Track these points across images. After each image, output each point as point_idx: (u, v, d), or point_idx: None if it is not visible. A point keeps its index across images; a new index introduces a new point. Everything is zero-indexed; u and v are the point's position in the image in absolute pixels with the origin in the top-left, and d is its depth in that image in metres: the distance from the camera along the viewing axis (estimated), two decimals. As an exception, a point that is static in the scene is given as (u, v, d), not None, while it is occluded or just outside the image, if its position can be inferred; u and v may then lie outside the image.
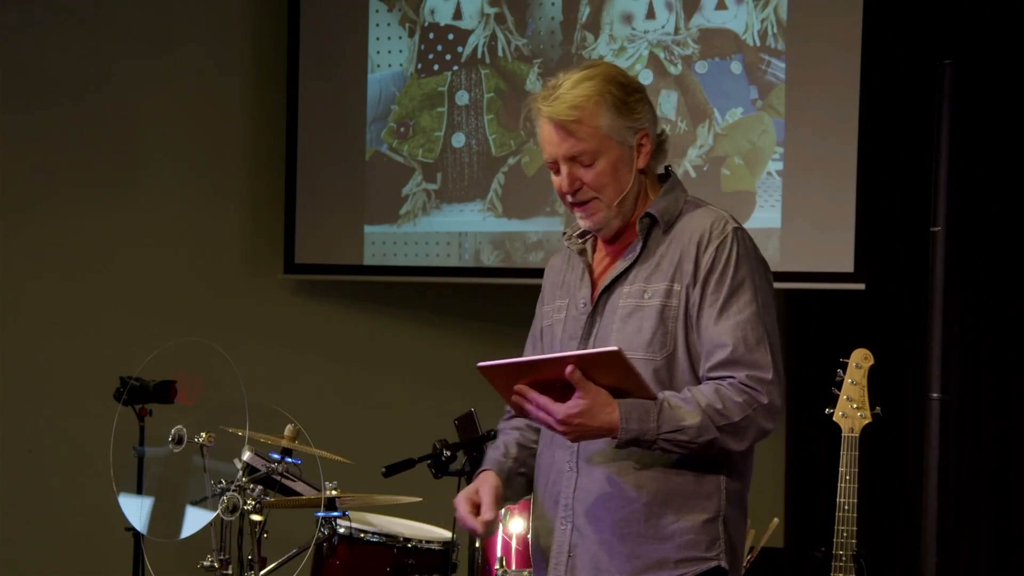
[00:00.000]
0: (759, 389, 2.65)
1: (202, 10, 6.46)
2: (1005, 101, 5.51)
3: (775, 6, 5.68)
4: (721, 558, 2.72)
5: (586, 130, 2.77)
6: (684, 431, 2.63)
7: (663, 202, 2.82)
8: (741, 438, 2.67)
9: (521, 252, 6.14)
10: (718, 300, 2.70)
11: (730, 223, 2.77)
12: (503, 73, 6.18)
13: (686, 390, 2.68)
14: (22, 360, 6.11)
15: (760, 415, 2.65)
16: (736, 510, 2.76)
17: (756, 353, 2.66)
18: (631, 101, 2.80)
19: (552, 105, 2.80)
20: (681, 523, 2.71)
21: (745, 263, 2.72)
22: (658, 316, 2.74)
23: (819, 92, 5.59)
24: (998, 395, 5.57)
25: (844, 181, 5.48)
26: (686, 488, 2.72)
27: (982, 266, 5.54)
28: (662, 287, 2.75)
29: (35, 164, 6.18)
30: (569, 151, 2.78)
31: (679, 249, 2.77)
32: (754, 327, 2.68)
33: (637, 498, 2.72)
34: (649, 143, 2.83)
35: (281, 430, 4.47)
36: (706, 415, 2.63)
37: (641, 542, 2.72)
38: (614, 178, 2.79)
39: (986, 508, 5.57)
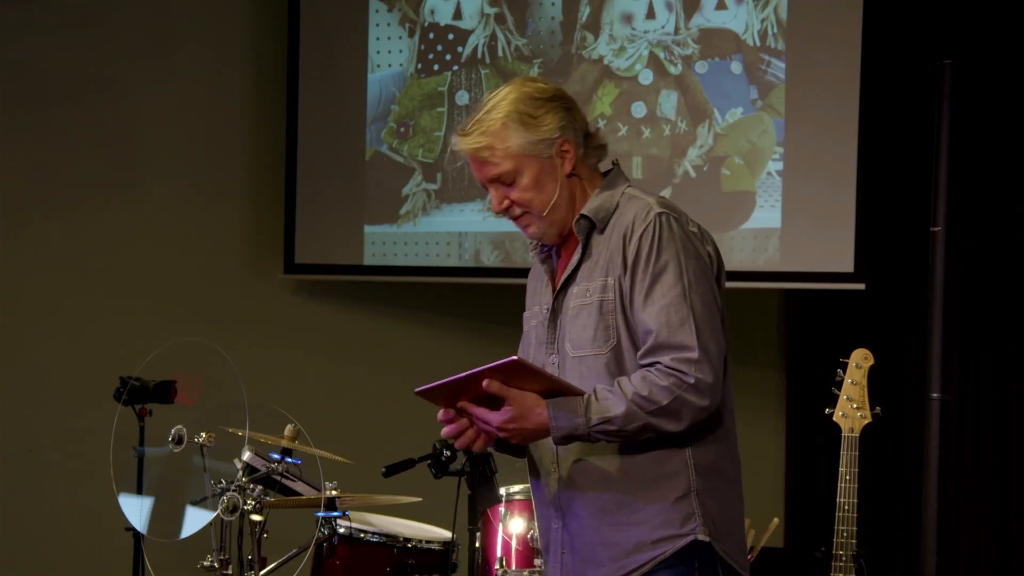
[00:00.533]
0: (684, 370, 2.72)
1: (202, 10, 6.46)
2: (1005, 101, 5.51)
3: (775, 6, 5.68)
4: (697, 531, 2.78)
5: (498, 154, 2.90)
6: (611, 421, 2.72)
7: (596, 201, 2.91)
8: (676, 419, 2.73)
9: (521, 252, 6.14)
10: (644, 286, 2.79)
11: (654, 209, 2.83)
12: (503, 73, 6.18)
13: (616, 381, 2.77)
14: (22, 360, 6.12)
15: (690, 394, 2.72)
16: (712, 482, 2.82)
17: (680, 335, 2.73)
18: (540, 115, 2.89)
19: (464, 139, 2.97)
20: (653, 505, 2.79)
21: (669, 246, 2.79)
22: (598, 311, 2.84)
23: (819, 92, 5.58)
24: (998, 395, 5.57)
25: (844, 181, 5.48)
26: (652, 471, 2.80)
27: (982, 266, 5.54)
28: (599, 283, 2.85)
29: (35, 164, 6.18)
30: (487, 175, 2.93)
31: (611, 244, 2.86)
32: (677, 308, 2.75)
33: (608, 487, 2.81)
34: (572, 148, 2.91)
35: (281, 430, 4.47)
36: (632, 403, 2.72)
37: (618, 529, 2.81)
38: (538, 191, 2.90)
39: (986, 508, 5.57)
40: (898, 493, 5.72)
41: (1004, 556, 5.56)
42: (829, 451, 4.38)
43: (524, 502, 4.51)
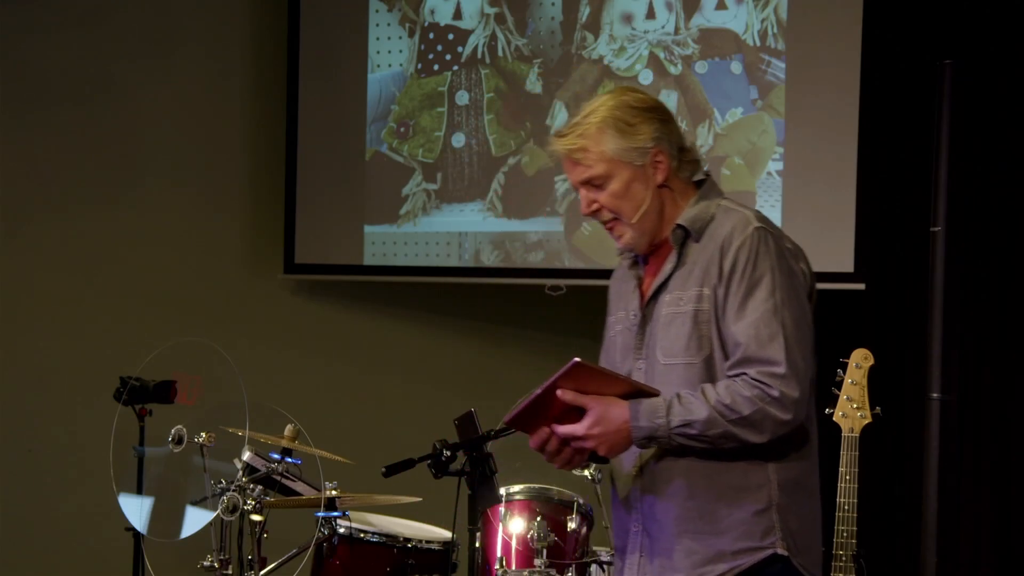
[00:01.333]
0: (769, 383, 2.77)
1: (202, 10, 6.46)
2: (1005, 101, 5.51)
3: (775, 6, 5.68)
4: (777, 545, 2.84)
5: (592, 156, 2.93)
6: (692, 425, 2.78)
7: (693, 211, 2.96)
8: (758, 431, 2.78)
9: (521, 252, 6.14)
10: (737, 299, 2.84)
11: (752, 223, 2.89)
12: (503, 73, 6.18)
13: (700, 387, 2.82)
14: (22, 360, 6.11)
15: (773, 407, 2.77)
16: (793, 496, 2.87)
17: (768, 349, 2.79)
18: (636, 123, 2.93)
19: (560, 140, 2.98)
20: (733, 516, 2.85)
21: (765, 260, 2.85)
22: (692, 321, 2.88)
23: (819, 92, 5.58)
24: (998, 395, 5.57)
25: (844, 181, 5.48)
26: (736, 482, 2.85)
27: (982, 266, 5.54)
28: (693, 292, 2.90)
29: (35, 164, 6.18)
30: (580, 177, 2.97)
31: (707, 255, 2.91)
32: (767, 323, 2.80)
33: (691, 497, 2.87)
34: (666, 159, 2.95)
35: (281, 430, 4.47)
36: (714, 410, 2.77)
37: (698, 538, 2.86)
38: (628, 197, 2.95)
39: (986, 508, 5.57)
40: (898, 493, 5.72)
41: (1004, 556, 5.56)
42: (829, 451, 4.37)
43: (524, 502, 4.52)
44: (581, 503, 4.54)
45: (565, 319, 6.45)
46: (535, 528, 4.41)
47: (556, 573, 4.38)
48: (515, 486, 4.54)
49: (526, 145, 6.13)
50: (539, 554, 4.39)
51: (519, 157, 6.15)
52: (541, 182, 6.11)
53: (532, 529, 4.42)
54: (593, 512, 4.60)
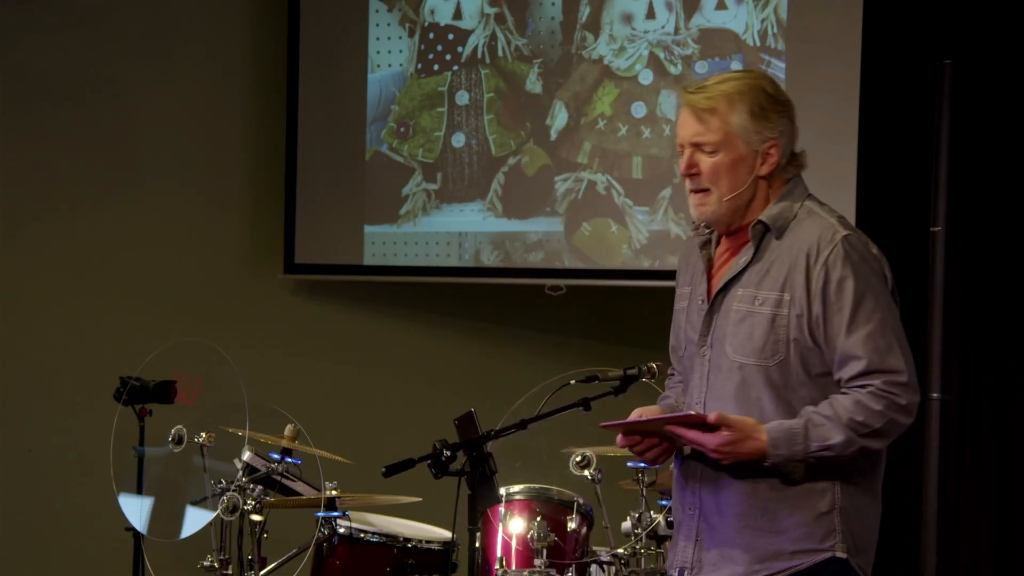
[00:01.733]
0: (897, 392, 2.82)
1: (202, 10, 6.46)
2: (1005, 101, 5.51)
3: (775, 6, 5.68)
4: (836, 548, 2.87)
5: (716, 122, 2.91)
6: (831, 448, 2.82)
7: (776, 208, 2.94)
8: (884, 439, 2.86)
9: (521, 252, 6.14)
10: (843, 314, 2.85)
11: (839, 232, 2.90)
12: (503, 73, 6.18)
13: (826, 405, 2.83)
14: (22, 360, 6.11)
15: (900, 415, 2.83)
16: (857, 499, 2.90)
17: (889, 359, 2.83)
18: (769, 111, 2.95)
19: (693, 94, 2.95)
20: (796, 517, 2.87)
21: (862, 270, 2.87)
22: (769, 324, 2.88)
23: (819, 92, 5.58)
24: (998, 395, 5.57)
25: (844, 181, 5.47)
26: (802, 485, 2.87)
27: (982, 266, 5.53)
28: (772, 296, 2.89)
29: (35, 164, 6.18)
30: (694, 137, 2.94)
31: (788, 259, 2.89)
32: (882, 334, 2.85)
33: (754, 494, 2.88)
34: (777, 154, 2.96)
35: (281, 430, 4.47)
36: (849, 429, 2.81)
37: (758, 535, 2.88)
38: (730, 174, 2.93)
39: (986, 508, 5.57)
40: (898, 493, 5.71)
41: (1004, 556, 5.56)
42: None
43: (524, 502, 4.52)
44: (581, 503, 4.54)
45: (565, 319, 6.46)
46: (535, 528, 4.41)
47: (556, 573, 4.38)
48: (515, 486, 4.54)
49: (526, 145, 6.13)
50: (539, 554, 4.39)
51: (519, 157, 6.15)
52: (541, 182, 6.11)
53: (532, 529, 4.42)
54: (593, 512, 4.60)
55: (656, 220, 5.89)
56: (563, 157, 6.07)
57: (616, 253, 5.98)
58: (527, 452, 4.49)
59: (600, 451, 4.56)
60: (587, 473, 4.53)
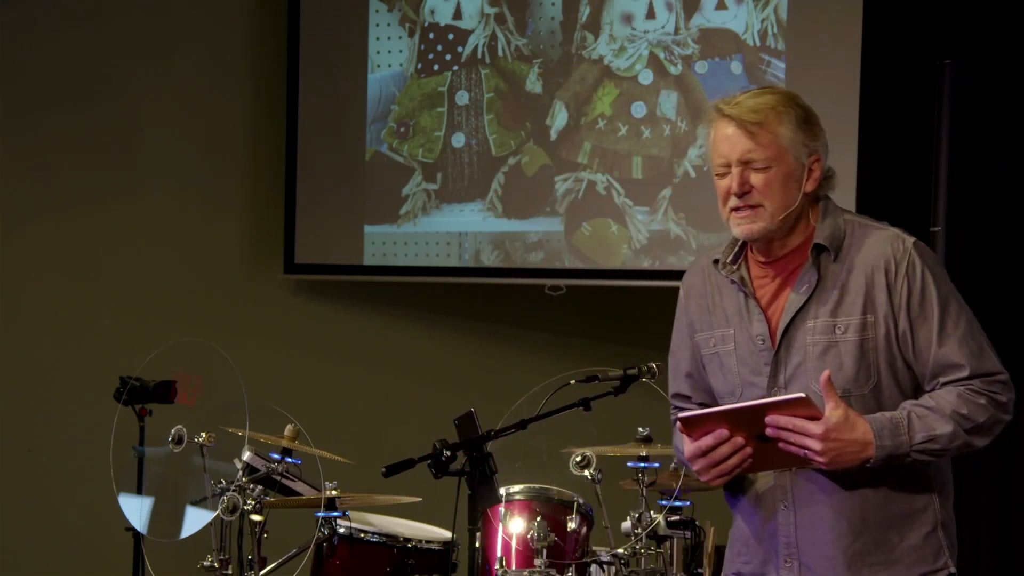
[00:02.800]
0: (999, 391, 2.77)
1: (202, 10, 6.46)
2: (1005, 101, 5.51)
3: (775, 6, 5.68)
4: (949, 564, 2.82)
5: (767, 136, 2.80)
6: (936, 440, 2.73)
7: (827, 228, 2.84)
8: (987, 436, 2.78)
9: (521, 252, 6.14)
10: (931, 323, 2.77)
11: (907, 240, 2.83)
12: (503, 73, 6.18)
13: (927, 397, 2.76)
14: (22, 360, 6.11)
15: (1002, 412, 2.77)
16: (949, 512, 2.85)
17: (985, 361, 2.78)
18: (813, 124, 2.85)
19: (736, 107, 2.82)
20: (906, 542, 2.80)
21: (939, 275, 2.80)
22: (858, 350, 2.77)
23: (819, 92, 5.56)
24: (998, 395, 5.56)
25: (844, 181, 5.42)
26: (905, 507, 2.80)
27: (982, 266, 5.53)
28: (855, 320, 2.78)
29: (35, 164, 6.18)
30: (745, 153, 2.81)
31: (863, 278, 2.80)
32: (974, 337, 2.79)
33: (864, 530, 2.78)
34: (819, 169, 2.85)
35: (281, 430, 4.47)
36: (954, 421, 2.73)
37: (876, 570, 2.79)
38: (783, 190, 2.81)
39: (986, 508, 5.57)
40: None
41: (1004, 556, 5.56)
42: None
43: (524, 502, 4.52)
44: (581, 503, 4.54)
45: (565, 319, 6.46)
46: (535, 528, 4.41)
47: (556, 573, 4.38)
48: (515, 486, 4.54)
49: (526, 145, 6.13)
50: (539, 554, 4.39)
51: (519, 157, 6.15)
52: (541, 182, 6.11)
53: (532, 529, 4.41)
54: (593, 512, 4.60)
55: (656, 220, 5.89)
56: (563, 157, 6.07)
57: (616, 253, 5.98)
58: (527, 452, 4.49)
59: (600, 451, 4.56)
60: (587, 473, 4.53)
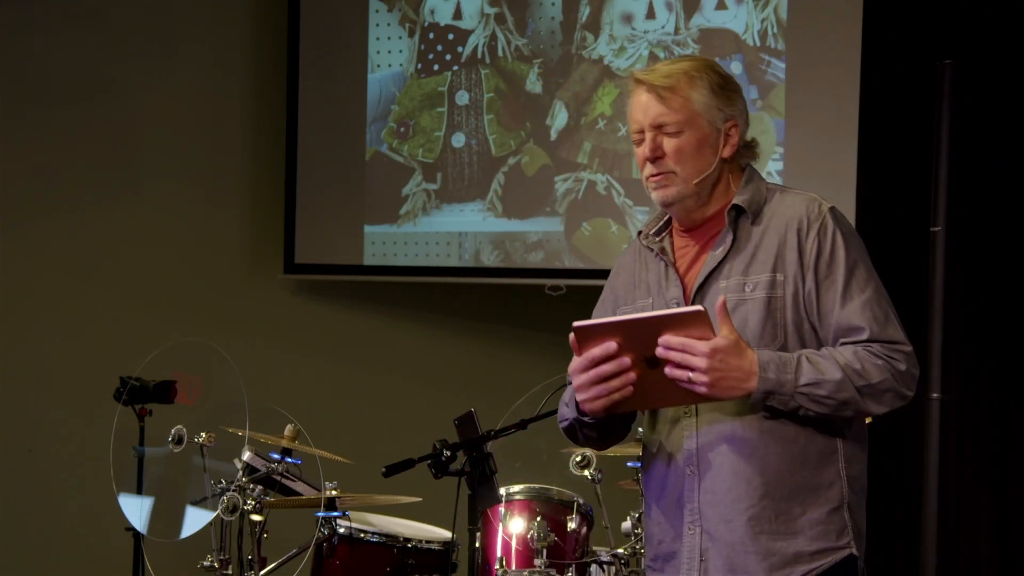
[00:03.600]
0: (896, 357, 2.70)
1: (202, 10, 6.46)
2: (1005, 101, 5.51)
3: (775, 6, 5.68)
4: (851, 546, 2.76)
5: (678, 100, 2.78)
6: (822, 385, 2.65)
7: (747, 192, 2.82)
8: (879, 401, 2.70)
9: (521, 252, 6.14)
10: (837, 284, 2.72)
11: (824, 204, 2.78)
12: (503, 73, 6.18)
13: (825, 349, 2.70)
14: (22, 360, 6.11)
15: (898, 380, 2.70)
16: (857, 495, 2.79)
17: (889, 328, 2.73)
18: (729, 90, 2.82)
19: (648, 73, 2.81)
20: (809, 515, 2.74)
21: (853, 241, 2.76)
22: (765, 309, 2.73)
23: (819, 92, 5.58)
24: (998, 395, 5.57)
25: (844, 181, 5.48)
26: (810, 480, 2.74)
27: (982, 266, 5.54)
28: (764, 279, 2.75)
29: (35, 164, 6.18)
30: (657, 118, 2.79)
31: (776, 238, 2.76)
32: (878, 303, 2.74)
33: (764, 495, 2.73)
34: (737, 134, 2.83)
35: (281, 430, 4.47)
36: (845, 372, 2.66)
37: (774, 538, 2.73)
38: (696, 155, 2.79)
39: (986, 508, 5.57)
40: (898, 493, 5.72)
41: (1004, 556, 5.56)
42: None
43: (524, 502, 4.52)
44: (581, 503, 4.54)
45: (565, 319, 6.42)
46: (535, 528, 4.41)
47: (556, 573, 4.38)
48: (515, 486, 4.54)
49: (526, 145, 6.13)
50: (539, 554, 4.39)
51: (519, 157, 6.15)
52: (541, 182, 6.11)
53: (532, 529, 4.42)
54: (593, 512, 4.60)
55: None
56: (563, 157, 6.07)
57: (616, 253, 5.96)
58: (527, 452, 4.49)
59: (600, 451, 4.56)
60: (587, 473, 4.53)
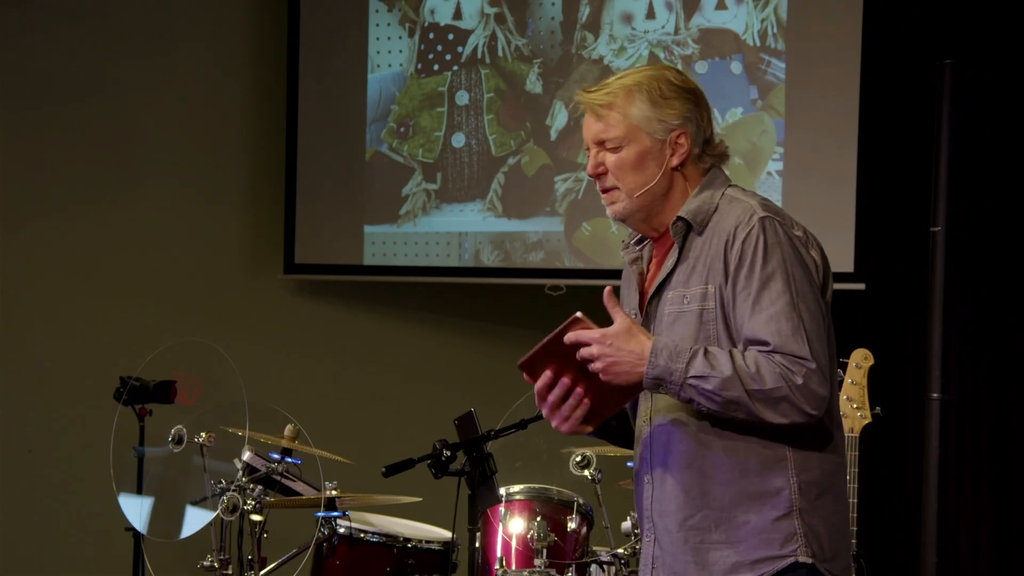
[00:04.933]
0: (794, 369, 2.62)
1: (202, 10, 6.46)
2: (1005, 101, 5.51)
3: (775, 6, 5.68)
4: (799, 553, 2.69)
5: (615, 116, 2.79)
6: (710, 379, 2.62)
7: (695, 202, 2.80)
8: (774, 409, 2.63)
9: (521, 252, 6.14)
10: (750, 294, 2.68)
11: (757, 213, 2.74)
12: (503, 73, 6.18)
13: (728, 349, 2.67)
14: (22, 360, 6.11)
15: (794, 394, 2.62)
16: (817, 500, 2.72)
17: (792, 343, 2.64)
18: (670, 97, 2.79)
19: (587, 94, 2.82)
20: (752, 524, 2.70)
21: (775, 252, 2.70)
22: (698, 320, 2.73)
23: (819, 92, 5.58)
24: (998, 395, 5.57)
25: (844, 181, 5.48)
26: (753, 488, 2.70)
27: (982, 266, 5.54)
28: (698, 290, 2.74)
29: (35, 164, 6.18)
30: (597, 135, 2.81)
31: (711, 250, 2.75)
32: (788, 317, 2.65)
33: (705, 504, 2.72)
34: (687, 142, 2.80)
35: (281, 430, 4.47)
36: (737, 373, 2.61)
37: (713, 548, 2.71)
38: (637, 169, 2.79)
39: (986, 508, 5.57)
40: (898, 493, 5.72)
41: (1004, 556, 5.56)
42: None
43: (524, 502, 4.52)
44: (581, 503, 4.54)
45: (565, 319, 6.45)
46: (535, 528, 4.41)
47: (556, 573, 4.38)
48: (515, 486, 4.54)
49: (526, 145, 6.13)
50: (539, 554, 4.39)
51: (519, 157, 6.15)
52: (541, 182, 6.11)
53: (532, 529, 4.42)
54: (593, 512, 4.60)
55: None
56: (563, 157, 6.07)
57: (616, 253, 5.97)
58: (527, 452, 4.49)
59: (600, 451, 4.56)
60: (587, 473, 4.53)
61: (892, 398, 5.19)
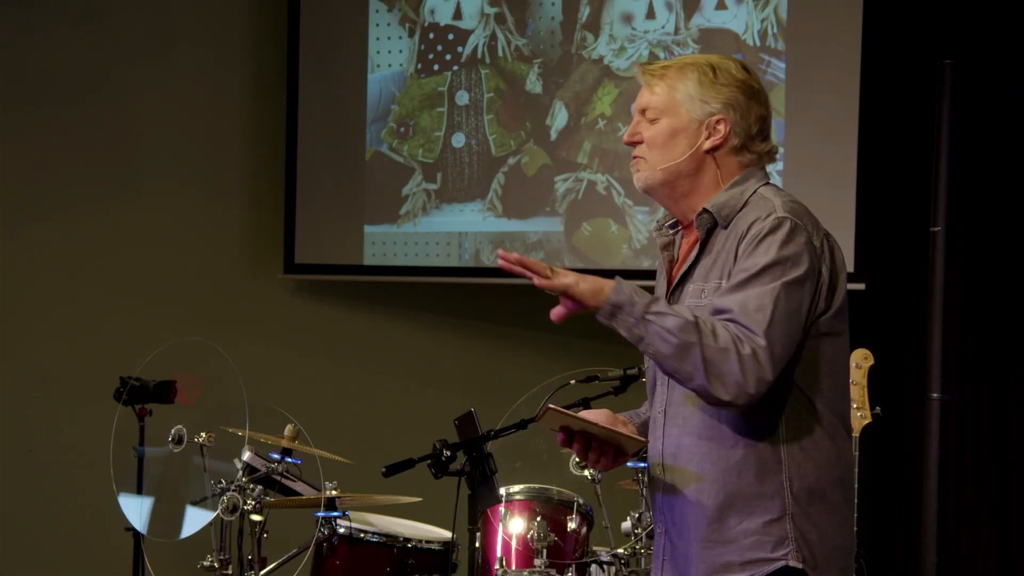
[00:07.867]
0: (743, 339, 2.60)
1: (202, 10, 6.46)
2: (1005, 101, 5.51)
3: (775, 6, 5.68)
4: (789, 557, 2.69)
5: (662, 88, 2.81)
6: (668, 317, 2.60)
7: (724, 196, 2.79)
8: (720, 372, 2.59)
9: (521, 252, 6.07)
10: (736, 281, 2.67)
11: (776, 212, 2.71)
12: (503, 73, 6.18)
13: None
14: (22, 360, 6.11)
15: (741, 360, 2.59)
16: (812, 507, 2.72)
17: (751, 318, 2.62)
18: (721, 84, 2.79)
19: (647, 65, 2.87)
20: (744, 525, 2.72)
21: (775, 250, 2.67)
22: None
23: (819, 92, 5.58)
24: (998, 395, 5.57)
25: (844, 181, 5.48)
26: (748, 490, 2.72)
27: (982, 266, 5.54)
28: (715, 285, 2.74)
29: (35, 164, 6.18)
30: (641, 104, 2.84)
31: (729, 244, 2.75)
32: (758, 298, 2.63)
33: (704, 503, 2.74)
34: (726, 129, 2.79)
35: (281, 430, 4.47)
36: (697, 323, 2.60)
37: (708, 546, 2.74)
38: (667, 143, 2.80)
39: (986, 508, 5.57)
40: (898, 493, 5.72)
41: (1004, 556, 5.56)
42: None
43: (524, 502, 4.52)
44: (581, 503, 4.54)
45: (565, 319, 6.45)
46: (535, 528, 4.41)
47: (556, 573, 4.38)
48: (515, 486, 4.55)
49: (526, 145, 6.13)
50: (539, 554, 4.39)
51: (519, 157, 6.15)
52: (541, 182, 6.11)
53: (532, 529, 4.42)
54: (593, 512, 4.60)
55: (656, 220, 5.89)
56: (563, 157, 6.07)
57: (616, 253, 5.99)
58: (527, 452, 4.49)
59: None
60: (587, 473, 4.53)
61: (892, 398, 5.20)
